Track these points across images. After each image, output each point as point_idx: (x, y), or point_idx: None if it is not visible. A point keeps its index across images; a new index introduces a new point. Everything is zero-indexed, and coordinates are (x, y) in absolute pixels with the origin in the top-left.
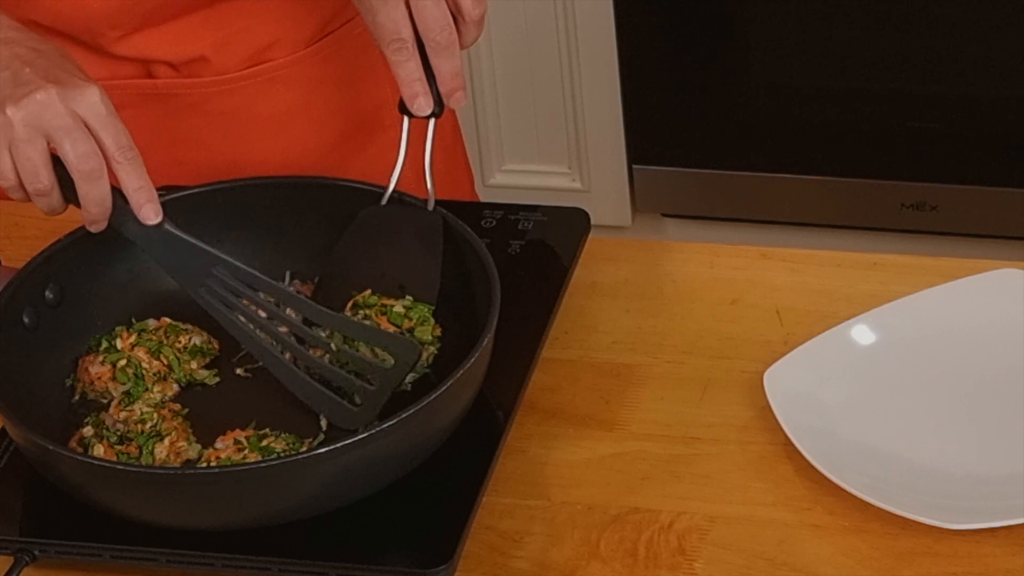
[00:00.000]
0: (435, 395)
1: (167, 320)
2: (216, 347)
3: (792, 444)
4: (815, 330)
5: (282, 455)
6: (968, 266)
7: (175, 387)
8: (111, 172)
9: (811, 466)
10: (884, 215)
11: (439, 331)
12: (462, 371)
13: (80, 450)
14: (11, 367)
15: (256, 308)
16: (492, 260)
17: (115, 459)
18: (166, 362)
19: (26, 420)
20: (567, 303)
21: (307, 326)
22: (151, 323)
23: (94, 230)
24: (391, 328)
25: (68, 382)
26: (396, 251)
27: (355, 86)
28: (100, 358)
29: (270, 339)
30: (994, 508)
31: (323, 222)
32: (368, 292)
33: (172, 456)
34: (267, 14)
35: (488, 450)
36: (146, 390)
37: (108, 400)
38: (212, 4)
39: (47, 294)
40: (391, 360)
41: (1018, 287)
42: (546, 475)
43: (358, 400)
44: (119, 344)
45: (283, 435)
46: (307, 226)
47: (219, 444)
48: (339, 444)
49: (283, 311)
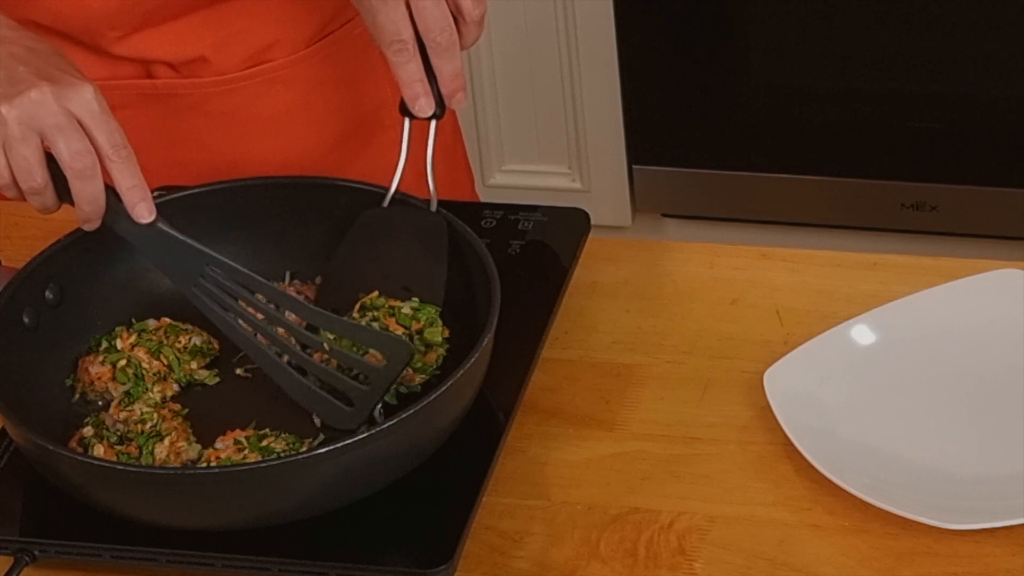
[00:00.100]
0: (435, 395)
1: (167, 320)
2: (216, 347)
3: (792, 444)
4: (815, 330)
5: (282, 455)
6: (968, 266)
7: (175, 387)
8: (104, 170)
9: (811, 466)
10: (884, 215)
11: (447, 332)
12: (462, 371)
13: (80, 450)
14: (11, 367)
15: (249, 307)
16: (492, 260)
17: (115, 459)
18: (166, 362)
19: (26, 420)
20: (567, 303)
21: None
22: (151, 323)
23: (88, 228)
24: (400, 330)
25: (68, 382)
26: (399, 253)
27: (355, 86)
28: (100, 358)
29: (263, 338)
30: (994, 508)
31: (323, 222)
32: (376, 294)
33: (172, 456)
34: (267, 14)
35: (488, 450)
36: (146, 390)
37: (108, 400)
38: (212, 4)
39: (47, 294)
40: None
41: (1018, 287)
42: (546, 475)
43: (352, 400)
44: (119, 344)
45: (283, 435)
46: (307, 226)
47: (219, 444)
48: (339, 444)
49: (276, 310)
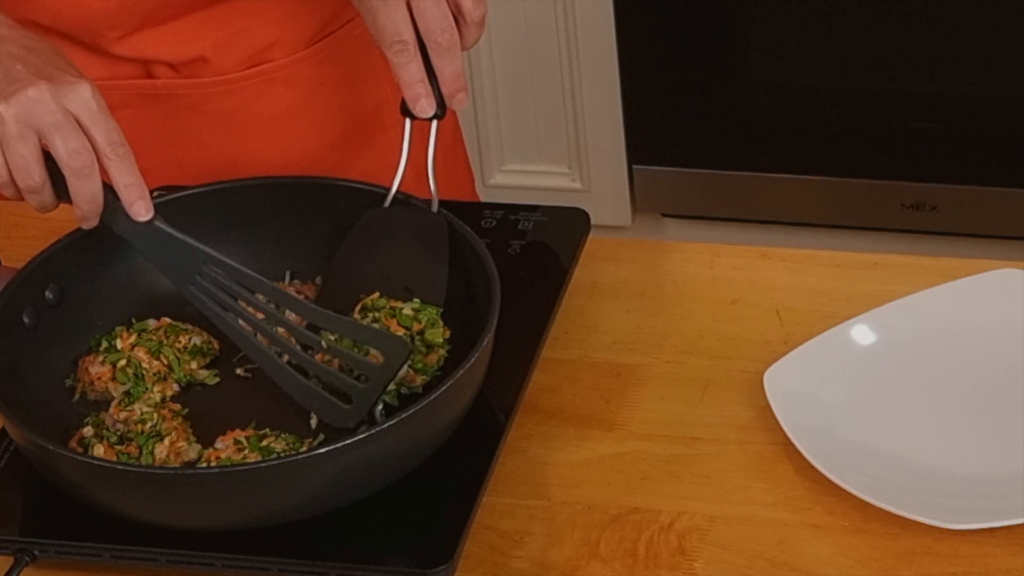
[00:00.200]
0: (435, 395)
1: (167, 320)
2: (216, 347)
3: (792, 444)
4: (815, 330)
5: (282, 455)
6: (968, 266)
7: (175, 387)
8: (102, 168)
9: (811, 466)
10: (884, 215)
11: (448, 333)
12: (462, 371)
13: (80, 450)
14: (11, 367)
15: (247, 305)
16: (492, 260)
17: (115, 459)
18: (166, 362)
19: (26, 420)
20: (567, 303)
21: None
22: (151, 323)
23: (85, 227)
24: (401, 331)
25: (68, 382)
26: (401, 253)
27: (355, 87)
28: (100, 358)
29: (261, 336)
30: (994, 508)
31: (323, 222)
32: (377, 295)
33: (172, 456)
34: (267, 14)
35: (488, 450)
36: (146, 390)
37: (108, 400)
38: (212, 4)
39: (47, 294)
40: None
41: (1018, 287)
42: (546, 475)
43: (351, 398)
44: (119, 344)
45: (283, 435)
46: (307, 226)
47: (219, 444)
48: (339, 444)
49: (274, 308)
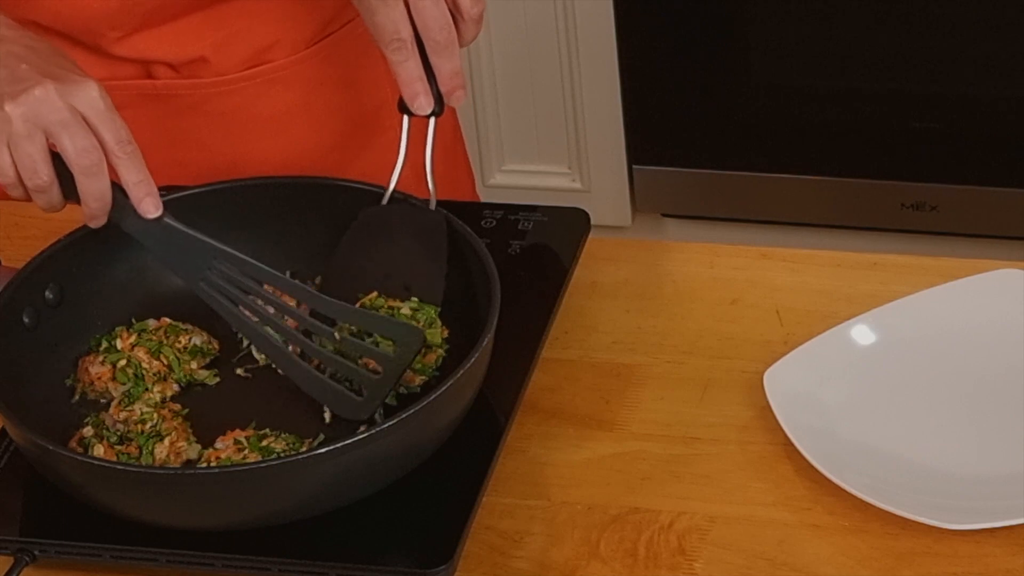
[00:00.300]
0: (435, 395)
1: (167, 320)
2: (216, 347)
3: (792, 444)
4: (815, 330)
5: (282, 455)
6: (968, 266)
7: (175, 387)
8: (110, 167)
9: (811, 466)
10: (884, 215)
11: (447, 332)
12: (462, 371)
13: (80, 450)
14: (11, 367)
15: (258, 299)
16: (492, 260)
17: (115, 459)
18: (166, 362)
19: (26, 420)
20: (567, 303)
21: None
22: (151, 323)
23: (94, 225)
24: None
25: (68, 382)
26: (399, 252)
27: (355, 87)
28: (100, 358)
29: (273, 330)
30: (994, 508)
31: (323, 222)
32: (375, 294)
33: (172, 456)
34: (267, 15)
35: (488, 450)
36: (146, 390)
37: (108, 400)
38: (212, 5)
39: (47, 294)
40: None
41: (1018, 287)
42: (546, 475)
43: (363, 390)
44: (119, 344)
45: (283, 435)
46: (307, 226)
47: (219, 444)
48: (339, 444)
49: (285, 301)
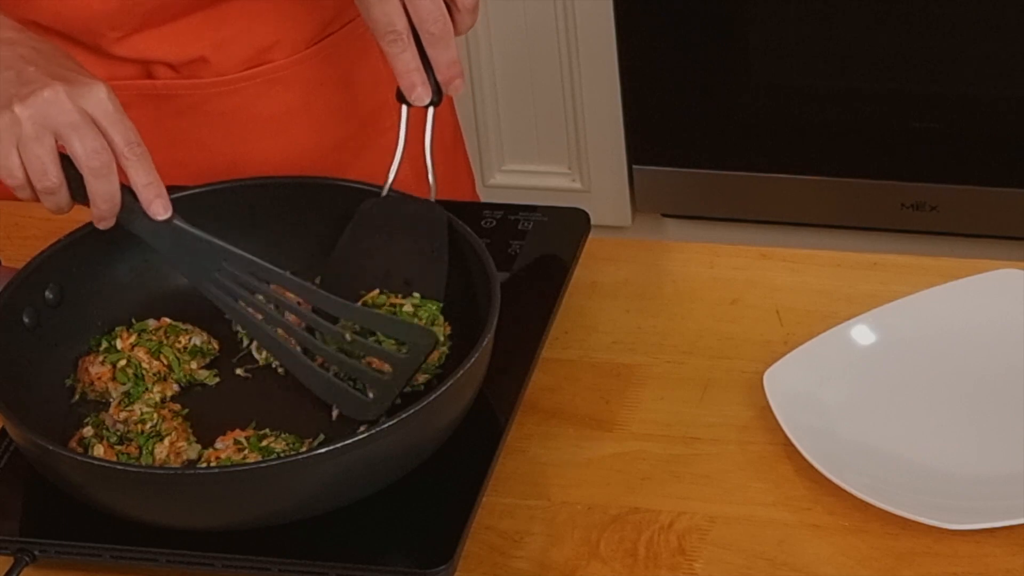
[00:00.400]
0: (435, 395)
1: (167, 320)
2: (216, 347)
3: (792, 444)
4: (815, 330)
5: (282, 455)
6: (968, 266)
7: (175, 387)
8: (119, 168)
9: (811, 466)
10: (884, 215)
11: (449, 329)
12: (462, 371)
13: (80, 450)
14: (11, 367)
15: (267, 300)
16: (492, 260)
17: (115, 459)
18: (166, 362)
19: (26, 420)
20: (567, 303)
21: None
22: (151, 323)
23: (102, 227)
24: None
25: (68, 382)
26: (400, 246)
27: (355, 87)
28: (100, 358)
29: (282, 332)
30: (994, 508)
31: (323, 222)
32: (376, 292)
33: (172, 456)
34: (267, 15)
35: (488, 450)
36: (146, 390)
37: (108, 400)
38: (212, 5)
39: (47, 294)
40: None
41: (1018, 287)
42: (546, 475)
43: (370, 391)
44: (119, 344)
45: (283, 435)
46: (307, 226)
47: (219, 444)
48: (339, 444)
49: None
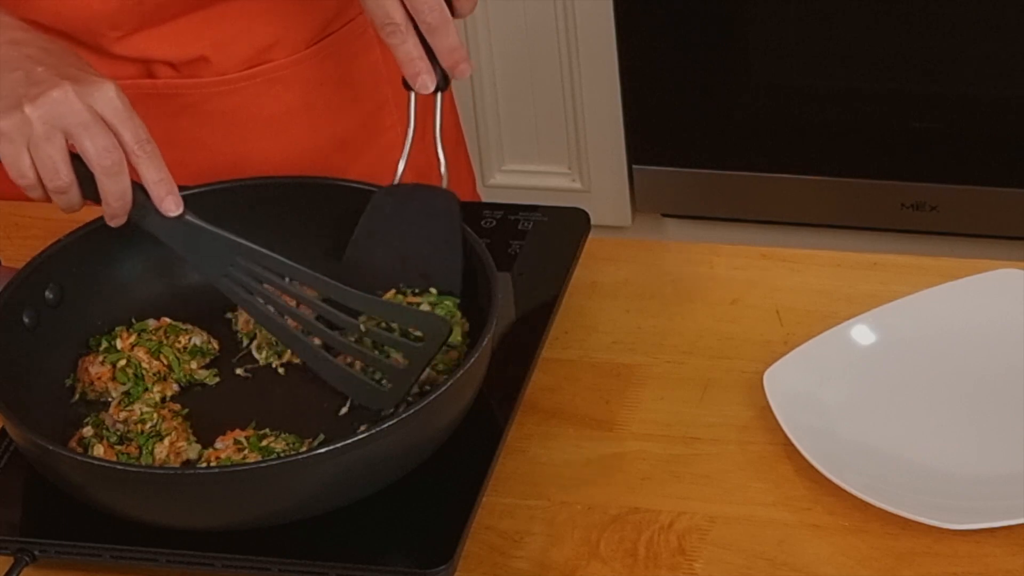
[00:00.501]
0: (435, 395)
1: (167, 320)
2: (216, 347)
3: (792, 444)
4: (815, 330)
5: (282, 455)
6: (968, 266)
7: (175, 387)
8: (130, 166)
9: (811, 466)
10: (884, 215)
11: (467, 326)
12: (462, 371)
13: (80, 450)
14: (11, 367)
15: (281, 294)
16: (492, 260)
17: (115, 459)
18: (166, 362)
19: (26, 420)
20: (567, 303)
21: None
22: (151, 323)
23: (115, 224)
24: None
25: (68, 382)
26: (413, 234)
27: (355, 87)
28: (100, 358)
29: (297, 324)
30: (994, 508)
31: (324, 222)
32: (393, 292)
33: (172, 456)
34: (267, 14)
35: (488, 450)
36: (146, 390)
37: (108, 400)
38: (212, 4)
39: (47, 294)
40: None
41: (1018, 287)
42: (546, 475)
43: (386, 382)
44: (119, 344)
45: (283, 435)
46: (308, 227)
47: (219, 444)
48: (339, 444)
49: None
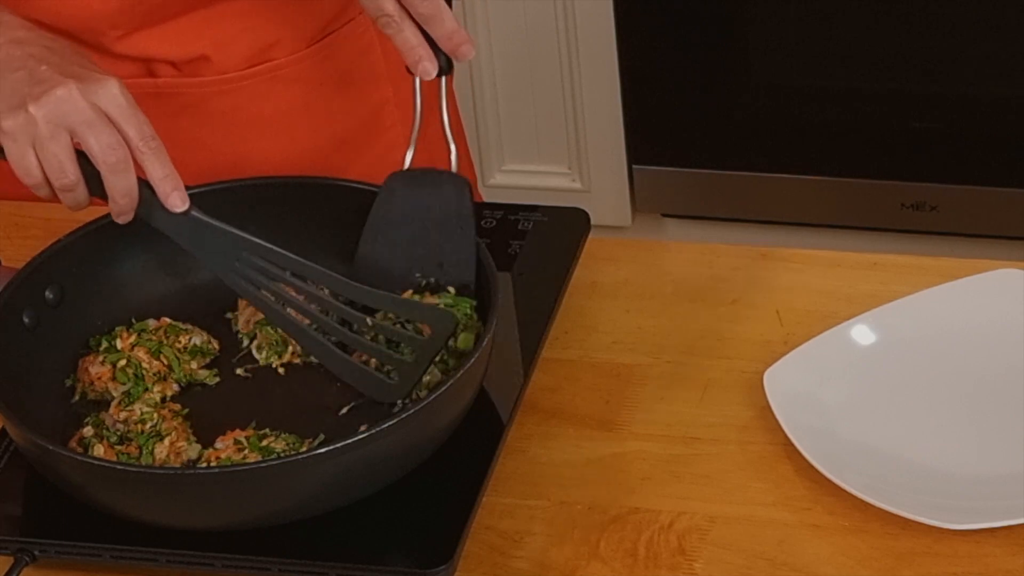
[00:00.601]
0: (435, 395)
1: (167, 320)
2: (216, 347)
3: (792, 444)
4: (815, 330)
5: (282, 455)
6: (968, 266)
7: (175, 387)
8: (136, 163)
9: (811, 466)
10: (884, 215)
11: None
12: (462, 371)
13: (80, 450)
14: (11, 367)
15: (288, 288)
16: (492, 260)
17: (115, 459)
18: (166, 362)
19: (26, 420)
20: (567, 303)
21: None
22: (151, 323)
23: (121, 221)
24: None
25: (68, 382)
26: (428, 225)
27: (356, 86)
28: (100, 358)
29: (304, 318)
30: (994, 508)
31: (325, 222)
32: (410, 293)
33: (172, 456)
34: (268, 14)
35: (488, 450)
36: (146, 390)
37: (108, 400)
38: (213, 3)
39: (47, 294)
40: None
41: (1018, 287)
42: (546, 475)
43: (394, 375)
44: (119, 344)
45: (283, 435)
46: (308, 226)
47: (219, 444)
48: (339, 444)
49: (316, 288)
